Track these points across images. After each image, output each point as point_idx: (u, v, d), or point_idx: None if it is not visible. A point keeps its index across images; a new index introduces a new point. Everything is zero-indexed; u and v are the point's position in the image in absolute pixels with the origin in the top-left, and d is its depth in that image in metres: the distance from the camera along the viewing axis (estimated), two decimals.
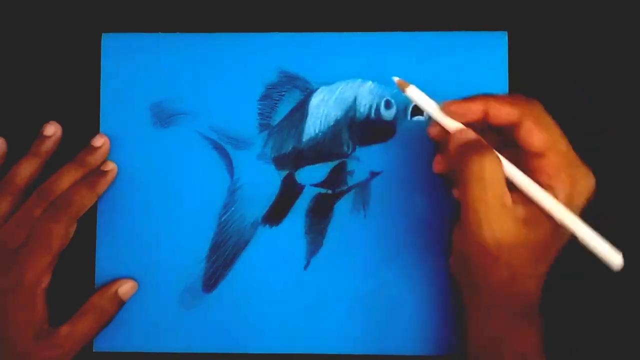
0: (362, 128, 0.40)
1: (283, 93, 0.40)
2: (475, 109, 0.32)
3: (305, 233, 0.39)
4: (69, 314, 0.37)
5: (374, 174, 0.40)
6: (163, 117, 0.40)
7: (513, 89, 0.40)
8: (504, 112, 0.31)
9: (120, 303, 0.38)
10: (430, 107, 0.33)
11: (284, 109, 0.40)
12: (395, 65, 0.40)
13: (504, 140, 0.32)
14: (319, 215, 0.39)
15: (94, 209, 0.39)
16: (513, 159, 0.32)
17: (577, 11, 0.41)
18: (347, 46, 0.40)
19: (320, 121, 0.40)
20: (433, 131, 0.34)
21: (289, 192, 0.40)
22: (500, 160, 0.31)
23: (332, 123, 0.40)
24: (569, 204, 0.31)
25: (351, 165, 0.40)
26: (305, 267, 0.39)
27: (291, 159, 0.40)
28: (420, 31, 0.40)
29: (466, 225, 0.31)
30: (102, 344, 0.38)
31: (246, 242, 0.39)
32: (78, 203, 0.37)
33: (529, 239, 0.31)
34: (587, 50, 0.40)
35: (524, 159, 0.32)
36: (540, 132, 0.31)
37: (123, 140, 0.39)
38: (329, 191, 0.40)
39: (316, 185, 0.40)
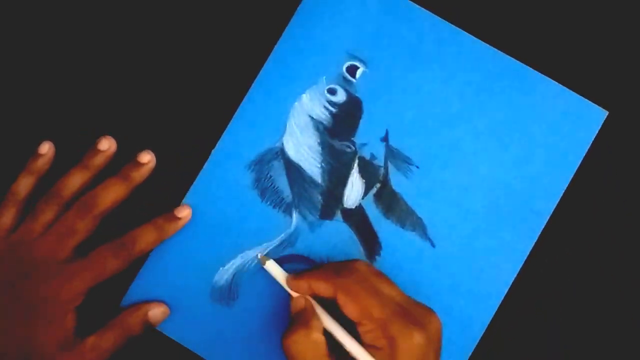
0: (338, 125, 0.40)
1: (269, 175, 0.39)
2: (304, 286, 0.35)
3: (404, 227, 0.39)
4: (97, 325, 0.36)
5: (385, 138, 0.39)
6: (225, 295, 0.38)
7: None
8: (322, 288, 0.34)
9: (147, 325, 0.37)
10: (282, 280, 0.36)
11: (282, 183, 0.39)
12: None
13: None
14: (392, 200, 0.39)
15: None
16: None
17: None
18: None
19: (313, 157, 0.39)
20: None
21: (358, 225, 0.39)
22: (310, 335, 0.33)
23: (320, 148, 0.39)
24: None
25: (366, 153, 0.39)
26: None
27: (331, 203, 0.39)
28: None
29: None
30: None
31: None
32: (142, 246, 0.37)
33: None
34: None
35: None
36: (350, 304, 0.33)
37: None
38: (378, 184, 0.39)
39: (365, 194, 0.39)
